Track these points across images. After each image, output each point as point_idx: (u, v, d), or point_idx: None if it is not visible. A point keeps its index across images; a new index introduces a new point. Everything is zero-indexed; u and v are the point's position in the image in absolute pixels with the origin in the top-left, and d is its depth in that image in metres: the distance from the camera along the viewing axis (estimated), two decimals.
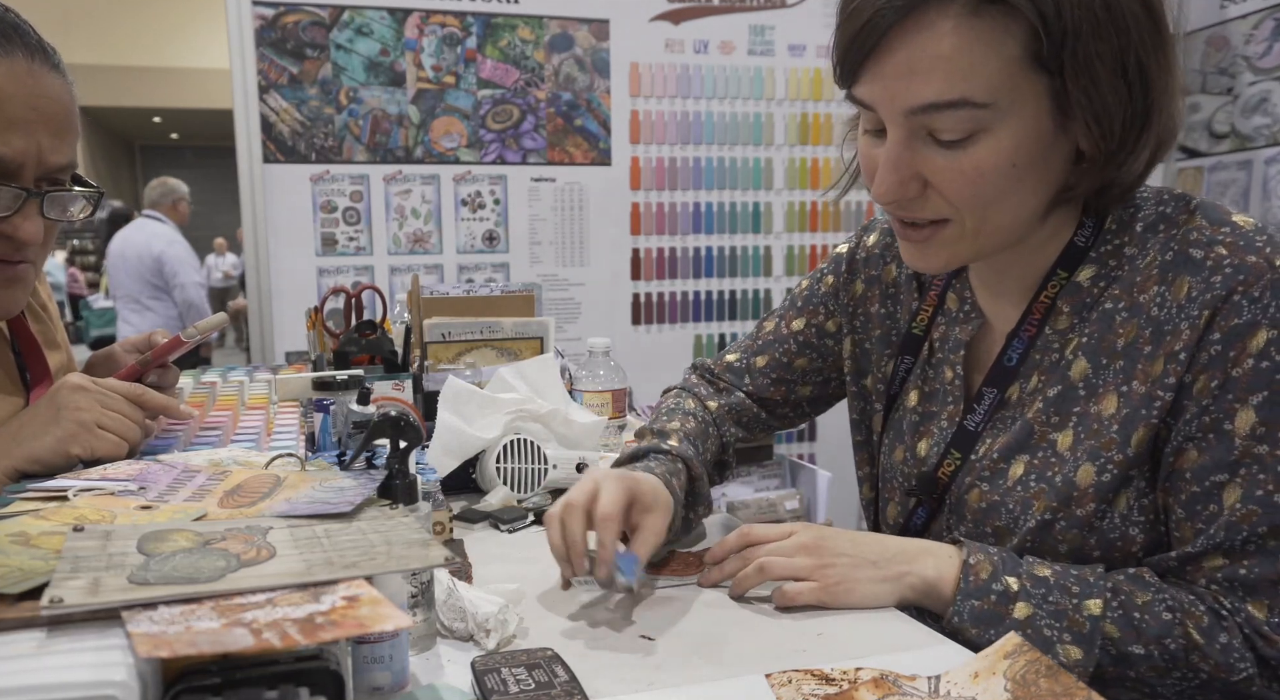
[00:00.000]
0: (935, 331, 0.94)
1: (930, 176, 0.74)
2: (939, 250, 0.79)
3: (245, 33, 2.43)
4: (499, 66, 2.64)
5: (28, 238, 0.92)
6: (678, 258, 2.87)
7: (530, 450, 1.12)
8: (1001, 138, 0.71)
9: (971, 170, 0.72)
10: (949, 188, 0.74)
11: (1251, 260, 0.71)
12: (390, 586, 0.60)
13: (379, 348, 1.36)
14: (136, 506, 0.69)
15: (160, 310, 4.24)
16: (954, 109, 0.70)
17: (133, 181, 14.00)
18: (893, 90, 0.72)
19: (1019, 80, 0.70)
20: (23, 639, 0.47)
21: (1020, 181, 0.73)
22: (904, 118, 0.72)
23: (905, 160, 0.74)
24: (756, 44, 2.83)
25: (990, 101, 0.70)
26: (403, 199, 2.62)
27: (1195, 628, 0.71)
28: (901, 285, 0.99)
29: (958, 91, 0.69)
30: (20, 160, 0.89)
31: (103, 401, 0.89)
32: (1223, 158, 3.05)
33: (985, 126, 0.71)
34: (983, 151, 0.72)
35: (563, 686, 0.63)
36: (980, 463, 0.84)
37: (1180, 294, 0.74)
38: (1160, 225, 0.78)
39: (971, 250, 0.79)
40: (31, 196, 0.91)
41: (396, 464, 0.75)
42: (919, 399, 0.94)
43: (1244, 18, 2.96)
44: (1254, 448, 0.71)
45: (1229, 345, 0.71)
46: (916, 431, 0.93)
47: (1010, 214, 0.76)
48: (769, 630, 0.76)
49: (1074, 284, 0.81)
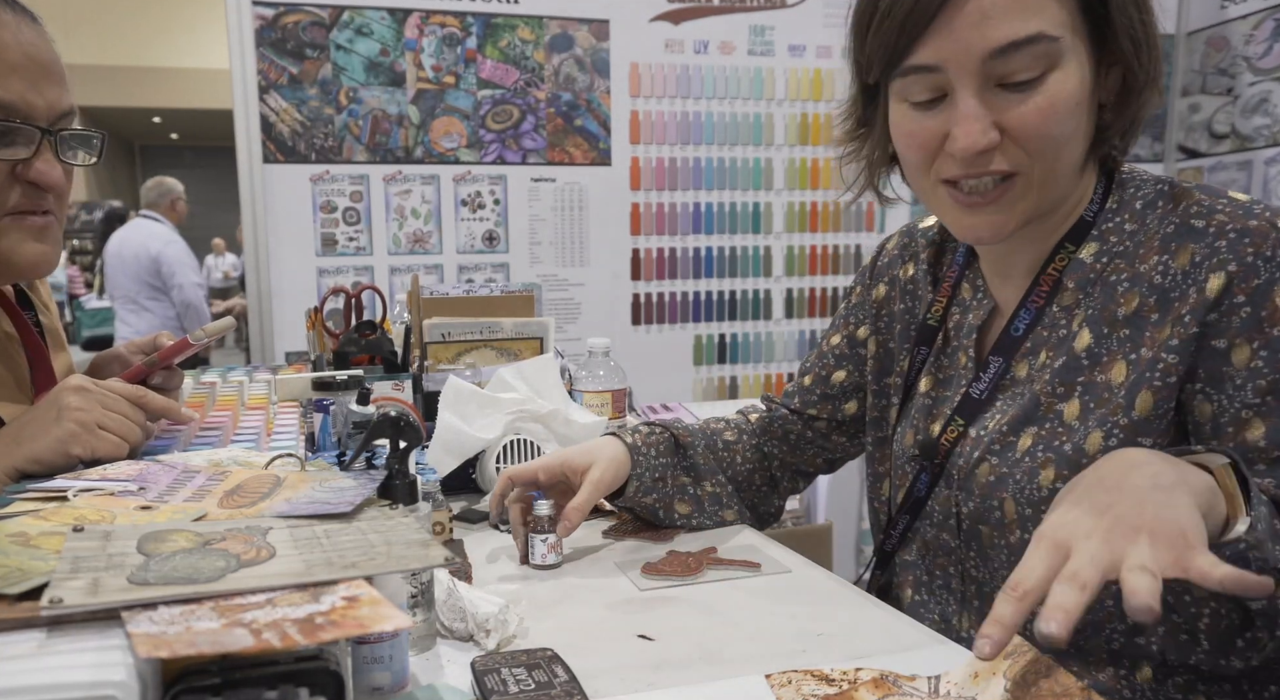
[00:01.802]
0: (950, 321, 0.95)
1: (1008, 124, 0.75)
2: (1004, 211, 0.79)
3: (245, 33, 2.43)
4: (499, 67, 2.64)
5: (53, 181, 0.95)
6: (678, 258, 2.87)
7: (530, 451, 1.12)
8: (1070, 72, 0.74)
9: (1048, 107, 0.74)
10: (1026, 131, 0.75)
11: (1253, 223, 0.73)
12: (390, 587, 0.60)
13: (379, 348, 1.36)
14: (136, 507, 0.69)
15: (158, 311, 4.23)
16: (1031, 44, 0.72)
17: (132, 181, 13.98)
18: (968, 39, 0.73)
19: (1073, 14, 0.74)
20: (23, 639, 0.47)
21: (1080, 121, 0.76)
22: (980, 66, 0.74)
23: (981, 111, 0.75)
24: (756, 44, 2.83)
25: (1060, 34, 0.73)
26: (403, 199, 2.62)
27: None
28: (919, 281, 1.00)
29: (1034, 26, 0.72)
30: (32, 104, 0.92)
31: (104, 402, 0.89)
32: (1223, 158, 3.05)
33: (1055, 62, 0.73)
34: (1055, 87, 0.74)
35: (563, 686, 0.63)
36: (989, 437, 0.85)
37: (1184, 260, 0.75)
38: (1159, 202, 0.80)
39: (1034, 205, 0.79)
40: (47, 136, 0.94)
41: (396, 464, 0.75)
42: (931, 385, 0.94)
43: (1244, 18, 2.96)
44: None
45: (1259, 306, 0.71)
46: (929, 414, 0.93)
47: (1070, 158, 0.78)
48: (769, 630, 0.76)
49: (1077, 261, 0.82)
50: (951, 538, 0.89)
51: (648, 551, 0.97)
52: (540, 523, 0.92)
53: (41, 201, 0.96)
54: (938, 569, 0.91)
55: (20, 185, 0.94)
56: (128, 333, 4.23)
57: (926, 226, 1.02)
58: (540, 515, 0.92)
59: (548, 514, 0.92)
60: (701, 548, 0.96)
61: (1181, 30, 3.14)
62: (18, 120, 0.91)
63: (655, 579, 0.88)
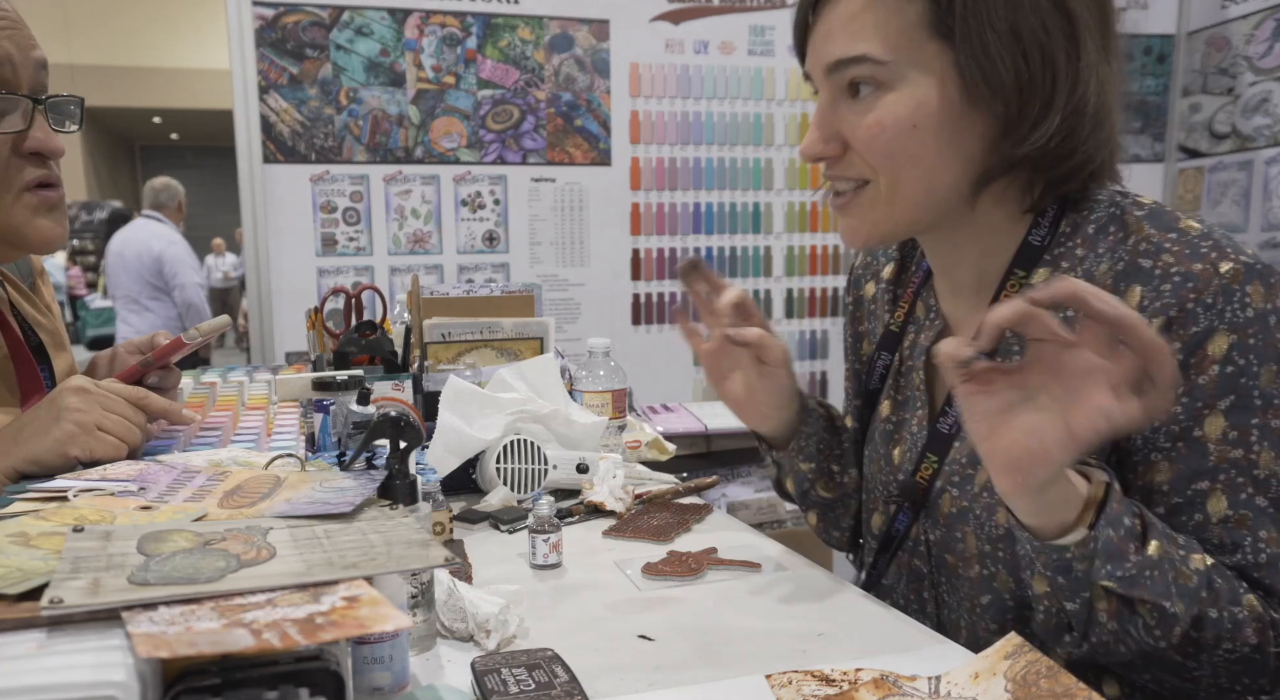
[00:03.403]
0: (905, 340, 0.95)
1: (845, 133, 0.80)
2: (860, 216, 0.83)
3: (245, 33, 2.43)
4: (499, 67, 2.64)
5: (55, 147, 0.95)
6: (678, 258, 2.87)
7: (530, 451, 1.12)
8: (903, 96, 0.77)
9: (875, 124, 0.78)
10: (859, 143, 0.79)
11: (1197, 267, 0.72)
12: (390, 587, 0.60)
13: (379, 348, 1.36)
14: (136, 507, 0.69)
15: (160, 311, 4.24)
16: (856, 64, 0.77)
17: (133, 181, 13.99)
18: (817, 52, 0.81)
19: (920, 44, 0.76)
20: (23, 639, 0.47)
21: (925, 146, 0.77)
22: (826, 77, 0.80)
23: (828, 118, 0.81)
24: (756, 44, 2.83)
25: (889, 59, 0.76)
26: (403, 199, 2.62)
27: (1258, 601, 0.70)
28: (879, 300, 1.01)
29: (859, 48, 0.77)
30: (12, 60, 0.91)
31: (104, 404, 0.88)
32: (1223, 158, 3.05)
33: (886, 84, 0.77)
34: (884, 107, 0.77)
35: (563, 687, 0.63)
36: (951, 467, 0.85)
37: (1133, 303, 0.74)
38: (1110, 227, 0.79)
39: (889, 219, 0.82)
40: (37, 105, 0.94)
41: (396, 464, 0.75)
42: (891, 408, 0.95)
43: (1244, 18, 2.96)
44: (1229, 453, 0.71)
45: (1190, 353, 0.71)
46: (890, 440, 0.94)
47: (921, 182, 0.79)
48: (769, 630, 0.76)
49: (1029, 287, 0.81)
50: (923, 564, 0.90)
51: (648, 551, 0.97)
52: (541, 523, 0.92)
53: (49, 172, 0.96)
54: (913, 594, 0.92)
55: (24, 159, 0.94)
56: (128, 332, 4.23)
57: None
58: (541, 515, 0.92)
59: (548, 514, 0.92)
60: (702, 548, 0.96)
61: (1182, 30, 3.14)
62: (4, 89, 0.91)
63: (656, 579, 0.88)
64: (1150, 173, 3.16)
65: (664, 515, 1.09)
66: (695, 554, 0.94)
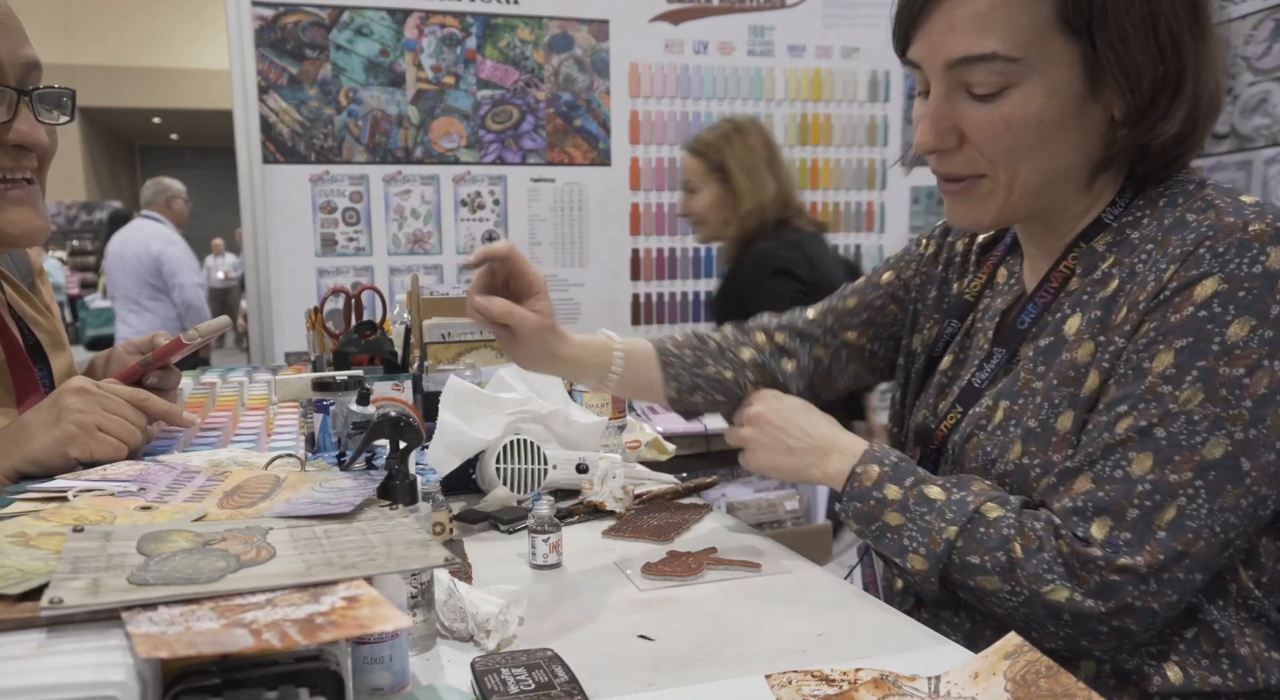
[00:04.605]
0: (981, 303, 0.96)
1: (966, 129, 0.79)
2: (973, 205, 0.83)
3: (245, 33, 2.43)
4: (499, 67, 2.64)
5: (37, 140, 0.93)
6: (678, 258, 2.87)
7: (530, 451, 1.12)
8: (1030, 93, 0.76)
9: (1000, 122, 0.77)
10: (981, 139, 0.79)
11: (1229, 220, 0.73)
12: (390, 587, 0.60)
13: (379, 348, 1.36)
14: (136, 507, 0.69)
15: (159, 311, 4.24)
16: (985, 62, 0.76)
17: (133, 182, 13.99)
18: (935, 46, 0.78)
19: (1050, 39, 0.75)
20: (23, 639, 0.47)
21: (1048, 140, 0.78)
22: (944, 72, 0.79)
23: (944, 113, 0.80)
24: (756, 44, 2.84)
25: (1019, 56, 0.75)
26: (402, 199, 2.62)
27: (1023, 545, 0.75)
28: (966, 257, 1.01)
29: (989, 45, 0.75)
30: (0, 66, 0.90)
31: (104, 404, 0.88)
32: (1223, 158, 3.05)
33: (1015, 81, 0.76)
34: (1012, 105, 0.77)
35: (563, 687, 0.63)
36: (979, 414, 0.86)
37: (1163, 251, 0.76)
38: (1179, 198, 0.80)
39: (1004, 207, 0.82)
40: (22, 97, 0.93)
41: (396, 464, 0.75)
42: (951, 363, 0.96)
43: (1244, 18, 2.96)
44: (1158, 387, 0.72)
45: (1178, 292, 0.72)
46: (942, 392, 0.95)
47: (1040, 172, 0.80)
48: (769, 630, 0.76)
49: (1090, 249, 0.83)
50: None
51: (648, 551, 0.97)
52: (541, 523, 0.92)
53: (26, 163, 0.95)
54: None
55: (3, 149, 0.93)
56: (128, 332, 4.23)
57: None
58: (541, 515, 0.92)
59: (548, 514, 0.92)
60: (702, 548, 0.96)
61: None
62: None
63: (656, 579, 0.88)
64: None
65: (664, 515, 1.09)
66: (695, 554, 0.94)
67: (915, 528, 0.80)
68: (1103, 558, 0.71)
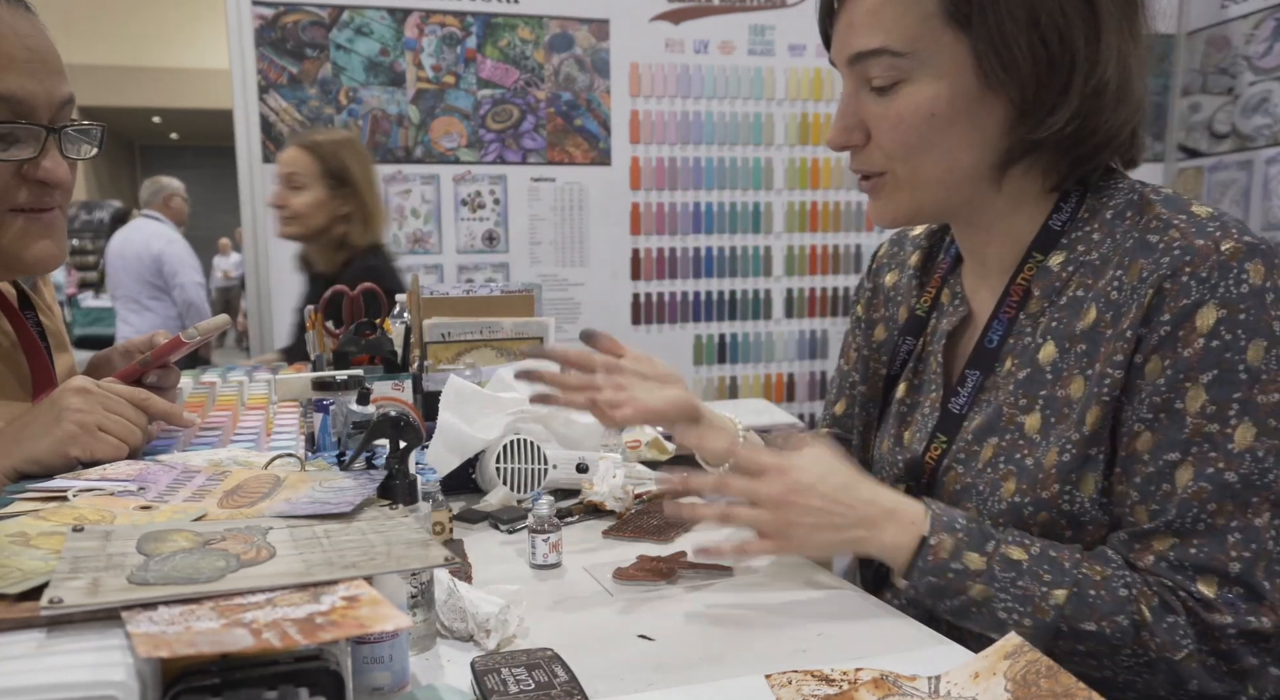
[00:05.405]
0: (928, 326, 0.96)
1: (869, 124, 0.82)
2: (885, 201, 0.85)
3: (245, 33, 2.43)
4: (499, 66, 2.64)
5: (61, 178, 0.94)
6: (678, 258, 2.87)
7: (530, 451, 1.12)
8: (921, 87, 0.78)
9: (894, 116, 0.80)
10: (878, 134, 0.81)
11: (1199, 243, 0.73)
12: (390, 586, 0.60)
13: (379, 348, 1.36)
14: (136, 507, 0.69)
15: (160, 310, 4.24)
16: (877, 57, 0.79)
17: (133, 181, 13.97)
18: (840, 43, 0.83)
19: (938, 33, 0.77)
20: (23, 639, 0.47)
21: (942, 133, 0.79)
22: (848, 69, 0.82)
23: (851, 109, 0.83)
24: (756, 44, 2.84)
25: (908, 51, 0.77)
26: (403, 199, 2.62)
27: (1147, 606, 0.72)
28: (901, 288, 1.02)
29: (878, 40, 0.78)
30: (34, 99, 0.91)
31: (105, 404, 0.88)
32: (1223, 158, 3.05)
33: (906, 76, 0.78)
34: (904, 99, 0.79)
35: (563, 686, 0.63)
36: (958, 445, 0.86)
37: (1134, 275, 0.75)
38: (1128, 212, 0.80)
39: (911, 202, 0.84)
40: (51, 134, 0.93)
41: (396, 464, 0.75)
42: (906, 391, 0.96)
43: (1244, 18, 2.96)
44: (1204, 427, 0.72)
45: (1178, 325, 0.72)
46: (903, 422, 0.95)
47: (939, 166, 0.81)
48: (769, 630, 0.76)
49: (1045, 268, 0.83)
50: None
51: (618, 557, 0.96)
52: (541, 523, 0.92)
53: (48, 199, 0.96)
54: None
55: (27, 184, 0.94)
56: (129, 332, 4.23)
57: (915, 234, 1.04)
58: (541, 515, 0.92)
59: (548, 514, 0.92)
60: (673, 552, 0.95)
61: (1182, 30, 3.14)
62: (23, 120, 0.91)
63: (627, 584, 0.87)
64: (1150, 172, 3.16)
65: (664, 515, 1.09)
66: (665, 558, 0.93)
67: (1009, 596, 0.74)
68: (1233, 623, 0.70)
